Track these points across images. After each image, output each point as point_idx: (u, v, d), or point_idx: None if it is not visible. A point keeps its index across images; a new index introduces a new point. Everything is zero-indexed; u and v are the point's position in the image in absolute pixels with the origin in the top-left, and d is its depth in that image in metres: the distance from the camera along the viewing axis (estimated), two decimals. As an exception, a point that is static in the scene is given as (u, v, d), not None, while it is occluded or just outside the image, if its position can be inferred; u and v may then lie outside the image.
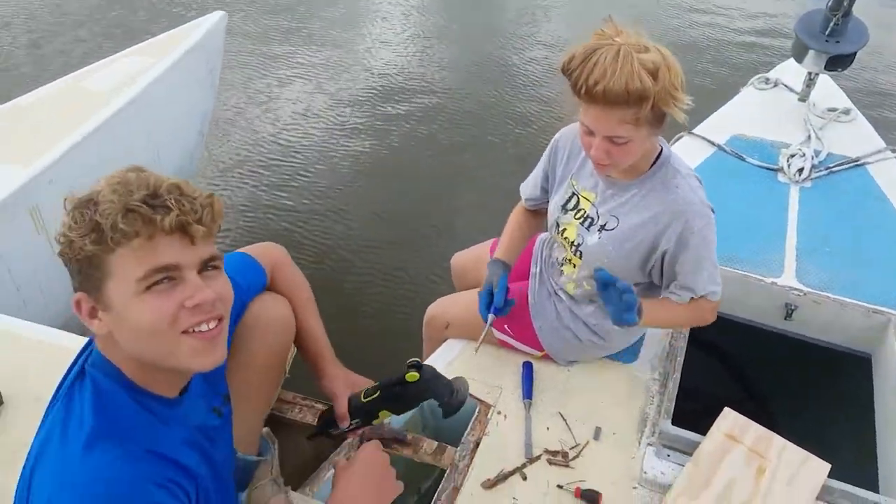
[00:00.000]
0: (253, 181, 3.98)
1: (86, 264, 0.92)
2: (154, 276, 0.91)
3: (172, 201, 0.91)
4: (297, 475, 1.65)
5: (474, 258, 2.17)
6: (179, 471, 0.96)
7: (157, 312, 0.91)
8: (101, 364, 0.98)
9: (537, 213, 1.99)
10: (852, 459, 2.07)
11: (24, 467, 0.97)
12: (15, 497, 0.96)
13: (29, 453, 0.97)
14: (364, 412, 1.44)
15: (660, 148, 1.63)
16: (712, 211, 1.61)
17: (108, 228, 0.89)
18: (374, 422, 1.47)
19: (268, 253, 1.56)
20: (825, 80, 3.19)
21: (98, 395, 0.95)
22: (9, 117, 2.70)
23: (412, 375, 1.39)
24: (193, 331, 0.94)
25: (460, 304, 1.94)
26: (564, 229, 1.79)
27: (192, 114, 3.30)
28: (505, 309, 1.76)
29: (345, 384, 1.47)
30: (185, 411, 1.05)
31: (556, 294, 1.89)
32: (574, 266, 1.79)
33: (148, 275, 0.91)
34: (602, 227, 1.70)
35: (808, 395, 2.42)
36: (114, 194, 0.90)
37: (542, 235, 2.04)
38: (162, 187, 0.92)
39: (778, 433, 1.69)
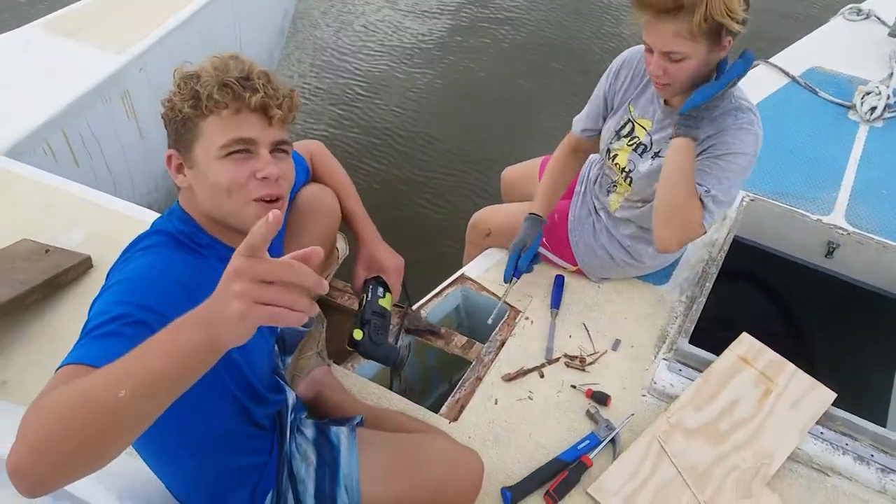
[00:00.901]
0: (317, 91, 4.07)
1: (181, 125, 1.09)
2: (234, 145, 1.07)
3: (260, 85, 1.08)
4: (341, 353, 1.85)
5: (524, 173, 2.26)
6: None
7: (232, 175, 1.07)
8: (179, 213, 1.15)
9: (580, 154, 1.99)
10: (878, 396, 2.14)
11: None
12: None
13: None
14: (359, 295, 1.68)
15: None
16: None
17: (204, 97, 1.05)
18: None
19: (307, 147, 1.73)
20: (921, 16, 3.03)
21: (170, 228, 1.13)
22: (108, 5, 2.88)
23: (357, 333, 1.58)
24: (259, 199, 1.10)
25: (503, 214, 2.05)
26: (616, 155, 1.84)
27: (274, 11, 3.42)
28: (529, 269, 1.89)
29: (367, 265, 1.69)
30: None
31: (595, 213, 1.98)
32: (625, 189, 1.86)
33: (229, 143, 1.07)
34: (656, 154, 1.75)
35: (843, 333, 2.46)
36: (214, 70, 1.07)
37: (592, 156, 2.10)
38: (254, 72, 1.09)
39: (807, 366, 1.76)
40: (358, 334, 1.57)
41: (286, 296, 0.71)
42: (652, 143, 1.76)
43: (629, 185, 1.82)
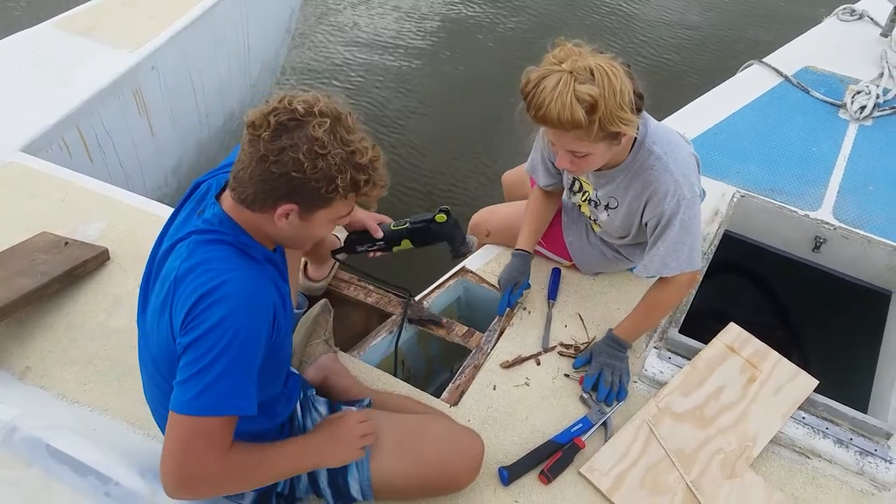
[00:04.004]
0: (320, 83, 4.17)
1: (316, 194, 1.18)
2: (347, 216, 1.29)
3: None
4: (347, 341, 1.94)
5: (522, 175, 2.33)
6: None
7: (328, 230, 1.31)
8: (232, 224, 1.25)
9: (554, 196, 2.03)
10: (861, 384, 2.22)
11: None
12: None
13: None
14: (389, 236, 1.70)
15: (635, 134, 1.61)
16: (700, 191, 1.67)
17: (365, 193, 1.23)
18: (395, 249, 1.72)
19: None
20: (913, 17, 3.09)
21: (231, 240, 1.24)
22: (119, 3, 2.95)
23: (441, 217, 1.67)
24: None
25: (500, 216, 2.15)
26: (579, 205, 1.96)
27: (281, 9, 3.49)
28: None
29: (373, 217, 1.77)
30: (277, 258, 1.35)
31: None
32: (598, 228, 1.96)
33: (346, 216, 1.28)
34: (607, 207, 1.82)
35: (828, 324, 2.54)
36: (382, 180, 1.24)
37: None
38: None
39: (794, 355, 1.84)
40: (441, 217, 1.67)
41: None
42: (599, 199, 1.83)
43: (599, 226, 1.93)
